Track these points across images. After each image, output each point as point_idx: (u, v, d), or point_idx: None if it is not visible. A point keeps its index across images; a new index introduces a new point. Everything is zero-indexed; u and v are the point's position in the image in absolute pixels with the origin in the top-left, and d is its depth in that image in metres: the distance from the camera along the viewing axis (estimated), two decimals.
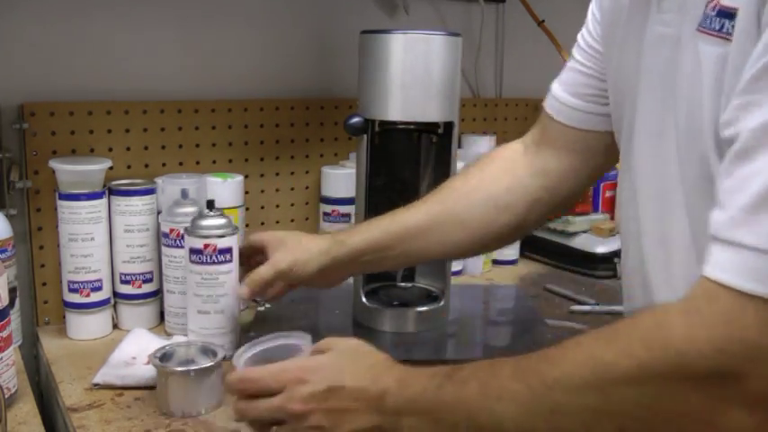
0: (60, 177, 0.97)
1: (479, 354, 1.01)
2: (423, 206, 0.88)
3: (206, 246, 0.89)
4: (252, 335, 0.95)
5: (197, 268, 0.89)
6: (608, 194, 1.37)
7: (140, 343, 0.93)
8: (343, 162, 1.25)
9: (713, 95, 0.54)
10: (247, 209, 1.17)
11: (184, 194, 0.99)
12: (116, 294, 1.02)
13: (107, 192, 0.99)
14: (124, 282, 1.01)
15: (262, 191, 1.21)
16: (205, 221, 0.90)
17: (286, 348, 0.70)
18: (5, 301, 0.78)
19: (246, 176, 1.16)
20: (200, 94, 1.15)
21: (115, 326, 1.02)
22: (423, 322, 1.02)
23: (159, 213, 1.01)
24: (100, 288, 0.99)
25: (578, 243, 1.31)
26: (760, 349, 0.45)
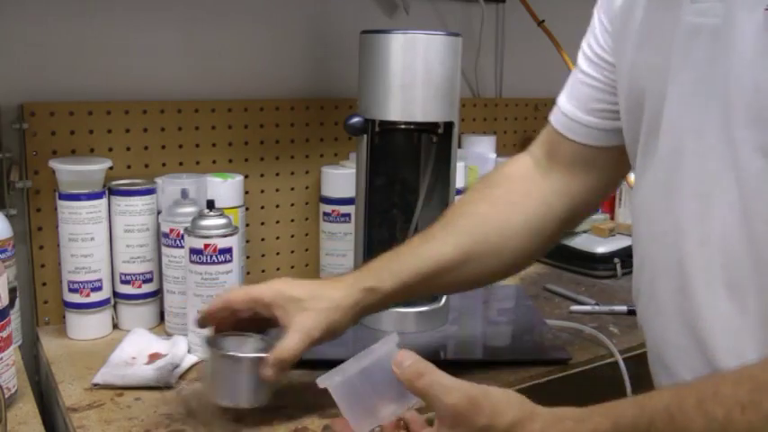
0: (60, 177, 0.97)
1: (479, 354, 1.01)
2: (449, 239, 0.81)
3: (206, 246, 0.89)
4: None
5: (197, 268, 0.89)
6: None
7: (140, 343, 0.93)
8: (343, 162, 1.25)
9: None
10: (247, 209, 1.17)
11: (184, 194, 0.99)
12: (116, 294, 1.02)
13: (107, 192, 0.99)
14: (124, 282, 1.01)
15: (262, 191, 1.21)
16: (205, 221, 0.90)
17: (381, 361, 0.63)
18: (5, 301, 0.78)
19: (246, 176, 1.16)
20: (200, 94, 1.15)
21: (115, 326, 1.02)
22: (423, 322, 1.01)
23: (159, 213, 1.01)
24: (100, 288, 0.99)
25: (578, 243, 1.31)
26: None
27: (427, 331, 1.01)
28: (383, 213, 1.06)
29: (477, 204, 0.84)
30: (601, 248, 1.29)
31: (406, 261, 0.79)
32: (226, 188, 1.08)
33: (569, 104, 0.81)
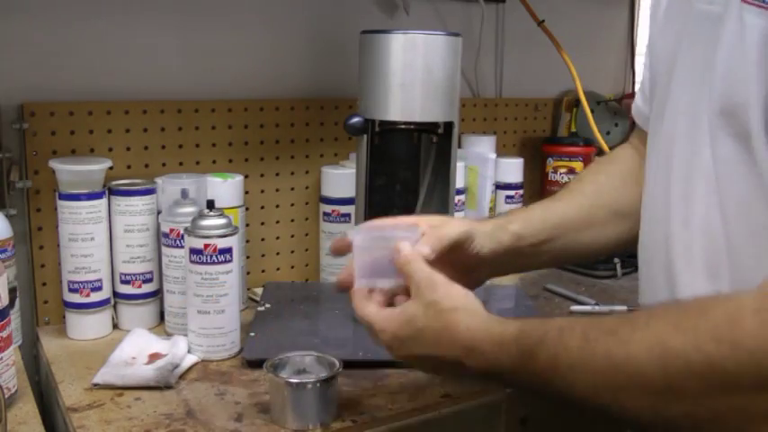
0: (60, 177, 0.97)
1: None
2: (571, 200, 0.84)
3: (206, 246, 0.89)
4: (252, 335, 0.95)
5: (197, 268, 0.89)
6: None
7: (140, 343, 0.93)
8: (343, 162, 1.25)
9: (760, 70, 0.52)
10: (247, 209, 1.17)
11: (184, 194, 0.99)
12: (116, 294, 1.02)
13: (107, 192, 0.99)
14: (124, 282, 1.01)
15: (262, 191, 1.21)
16: (205, 221, 0.90)
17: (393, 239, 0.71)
18: (5, 301, 0.78)
19: (246, 176, 1.16)
20: (200, 94, 1.15)
21: (115, 326, 1.02)
22: None
23: (159, 213, 1.01)
24: (100, 288, 0.99)
25: None
26: None
27: None
28: (383, 213, 1.06)
29: (584, 183, 0.89)
30: None
31: (533, 213, 0.83)
32: (226, 188, 1.08)
33: (639, 94, 0.83)
